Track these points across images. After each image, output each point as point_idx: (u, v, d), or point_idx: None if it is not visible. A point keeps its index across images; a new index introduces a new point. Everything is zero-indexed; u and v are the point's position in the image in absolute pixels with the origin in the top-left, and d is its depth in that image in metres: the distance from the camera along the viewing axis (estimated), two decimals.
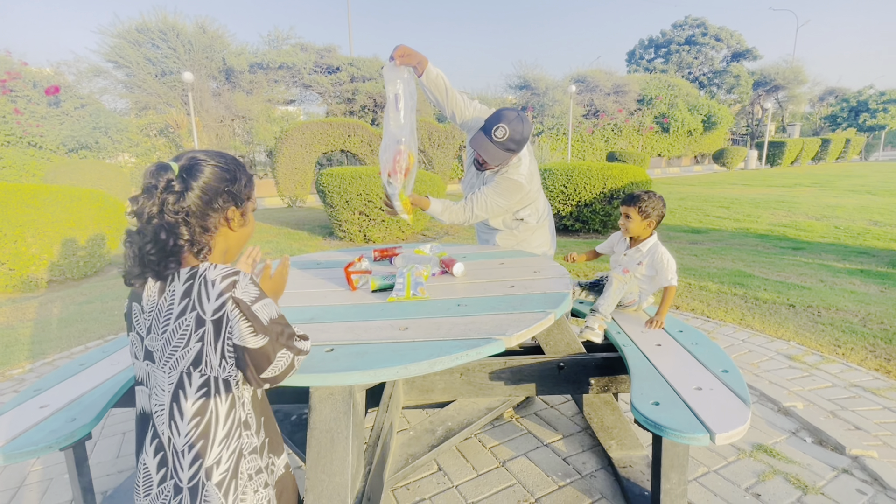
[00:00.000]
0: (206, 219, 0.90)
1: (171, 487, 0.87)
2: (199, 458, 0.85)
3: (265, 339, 0.86)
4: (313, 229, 8.36)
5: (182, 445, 0.85)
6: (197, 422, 0.85)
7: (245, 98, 15.61)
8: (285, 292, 1.63)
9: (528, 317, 1.26)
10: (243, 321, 0.84)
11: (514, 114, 1.90)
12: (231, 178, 0.93)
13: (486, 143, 1.89)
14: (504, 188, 1.98)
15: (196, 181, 0.88)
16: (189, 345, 0.84)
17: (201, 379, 0.85)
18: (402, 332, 1.21)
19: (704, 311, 3.83)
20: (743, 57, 33.23)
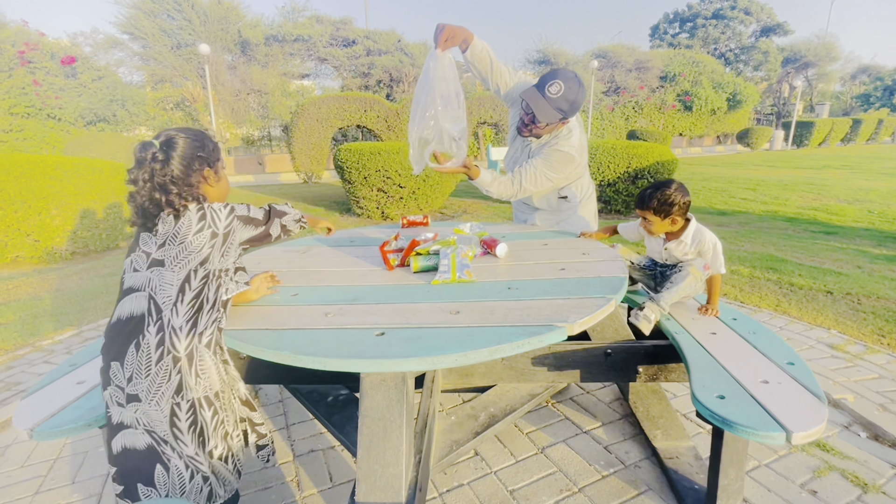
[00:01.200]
0: (188, 178, 1.18)
1: (170, 360, 1.10)
2: (193, 328, 1.13)
3: (264, 226, 1.31)
4: (330, 206, 8.31)
5: (180, 323, 1.11)
6: (193, 303, 1.13)
7: (261, 71, 15.42)
8: (324, 270, 1.57)
9: (587, 303, 1.18)
10: (249, 226, 1.26)
11: (572, 74, 1.80)
12: (201, 146, 1.22)
13: (538, 97, 1.79)
14: (554, 160, 1.87)
15: (174, 151, 1.18)
16: (202, 250, 1.15)
17: (204, 272, 1.15)
18: (455, 317, 1.14)
19: (737, 296, 3.70)
20: (773, 32, 31.84)
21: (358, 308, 1.22)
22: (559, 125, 1.89)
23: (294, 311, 1.22)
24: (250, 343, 1.05)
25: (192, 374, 1.11)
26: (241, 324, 1.16)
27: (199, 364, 1.12)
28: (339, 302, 1.27)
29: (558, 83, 1.77)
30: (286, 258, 1.75)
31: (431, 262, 1.46)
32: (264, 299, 1.33)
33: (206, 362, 1.13)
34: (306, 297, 1.32)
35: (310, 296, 1.34)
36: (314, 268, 1.62)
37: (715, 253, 1.73)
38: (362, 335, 1.06)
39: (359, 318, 1.16)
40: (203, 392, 1.14)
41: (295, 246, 1.93)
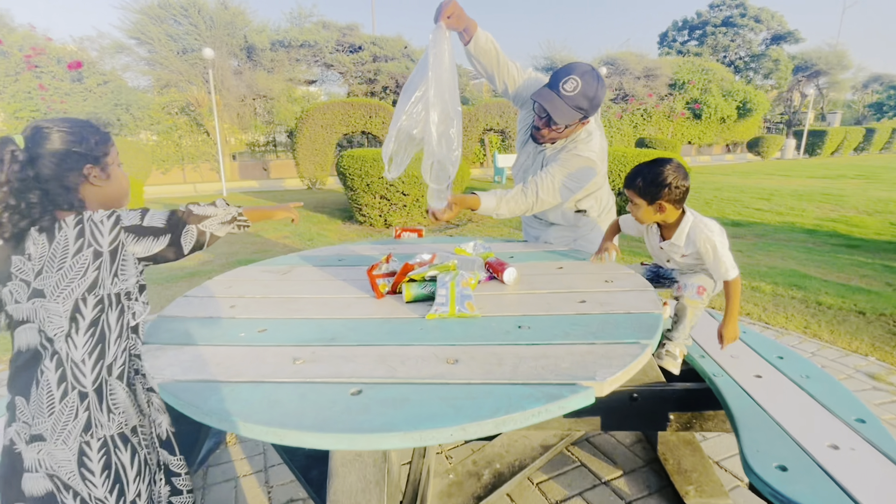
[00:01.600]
0: (63, 179, 1.00)
1: (76, 396, 0.99)
2: (100, 359, 1.01)
3: (167, 236, 1.04)
4: (332, 212, 8.12)
5: (81, 356, 0.99)
6: (93, 331, 1.00)
7: (266, 77, 15.34)
8: (303, 297, 1.35)
9: (617, 351, 0.95)
10: (146, 238, 1.02)
11: (588, 67, 1.57)
12: (78, 139, 1.02)
13: (553, 97, 1.56)
14: (573, 167, 1.64)
15: (42, 148, 0.98)
16: (86, 274, 0.98)
17: (95, 299, 0.99)
18: (452, 368, 0.91)
19: (761, 315, 3.45)
20: (783, 40, 31.51)
21: (334, 352, 1.00)
22: (578, 126, 1.67)
23: (257, 354, 1.00)
24: (191, 403, 0.83)
25: (102, 410, 1.01)
26: (188, 370, 0.94)
27: (110, 398, 1.02)
28: (313, 342, 1.05)
29: (574, 79, 1.55)
30: (263, 280, 1.54)
31: (426, 290, 1.24)
32: (225, 336, 1.11)
33: (118, 395, 1.03)
34: (275, 335, 1.10)
35: (280, 332, 1.12)
36: (292, 293, 1.40)
37: (716, 257, 1.41)
38: (334, 393, 0.84)
39: (333, 366, 0.93)
40: (117, 429, 1.03)
41: (276, 265, 1.71)
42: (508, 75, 1.72)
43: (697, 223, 1.44)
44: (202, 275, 4.48)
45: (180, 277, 4.42)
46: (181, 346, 1.05)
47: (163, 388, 0.89)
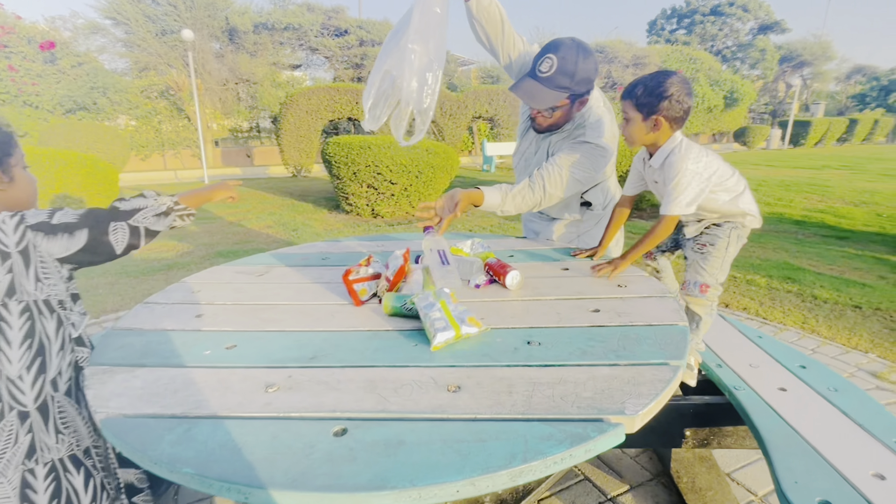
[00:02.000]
0: None
1: (15, 417, 0.89)
2: (41, 374, 0.91)
3: (85, 231, 0.94)
4: (318, 201, 7.90)
5: (18, 371, 0.89)
6: (29, 343, 0.90)
7: (249, 60, 14.87)
8: (280, 304, 1.20)
9: (644, 374, 0.82)
10: (61, 236, 0.92)
11: (568, 41, 1.42)
12: None
13: (527, 82, 1.43)
14: (581, 155, 1.49)
15: None
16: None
17: (20, 305, 0.89)
18: (454, 398, 0.77)
19: (758, 310, 3.38)
20: (770, 30, 31.60)
21: (314, 375, 0.85)
22: (578, 107, 1.52)
23: (223, 379, 0.85)
24: (138, 447, 0.68)
25: (49, 431, 0.92)
26: (138, 402, 0.78)
27: (58, 417, 0.93)
28: (290, 363, 0.90)
29: (549, 58, 1.41)
30: (236, 283, 1.37)
31: (405, 307, 1.07)
32: (188, 354, 0.95)
33: (67, 413, 0.94)
34: (245, 352, 0.95)
35: (251, 349, 0.97)
36: (268, 299, 1.24)
37: (673, 184, 1.28)
38: (313, 434, 0.69)
39: (313, 395, 0.79)
40: (67, 451, 0.94)
41: (251, 265, 1.55)
42: (513, 47, 1.57)
43: (683, 147, 1.29)
44: (180, 267, 4.28)
45: (157, 270, 4.21)
46: (133, 368, 0.90)
47: (106, 426, 0.73)
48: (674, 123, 1.28)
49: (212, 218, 6.56)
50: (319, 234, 5.65)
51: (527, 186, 1.48)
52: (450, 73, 21.33)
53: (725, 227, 1.62)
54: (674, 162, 1.29)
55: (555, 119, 1.54)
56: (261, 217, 6.61)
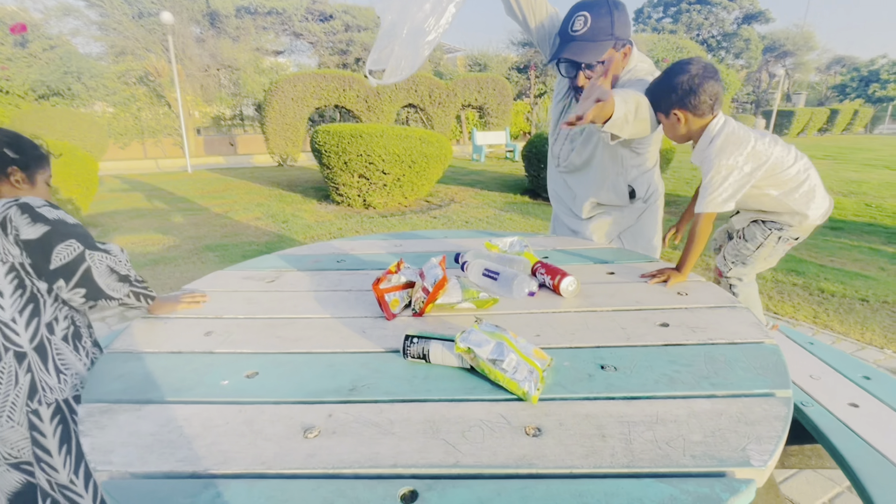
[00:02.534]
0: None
1: (11, 358, 0.91)
2: (34, 317, 0.94)
3: (45, 227, 0.92)
4: (307, 191, 7.67)
5: (10, 315, 0.92)
6: (20, 293, 0.93)
7: (231, 46, 14.37)
8: (300, 318, 1.05)
9: (752, 409, 0.70)
10: (22, 215, 0.92)
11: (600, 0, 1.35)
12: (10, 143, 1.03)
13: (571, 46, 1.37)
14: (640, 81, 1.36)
15: None
16: None
17: (5, 266, 0.92)
18: (537, 444, 0.64)
19: (767, 304, 3.32)
20: (755, 19, 31.78)
21: (359, 413, 0.71)
22: (623, 57, 1.40)
23: (250, 419, 0.71)
24: None
25: (49, 371, 0.93)
26: (149, 455, 0.64)
27: (57, 358, 0.95)
28: (327, 396, 0.76)
29: (581, 16, 1.35)
30: (245, 292, 1.22)
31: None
32: (202, 385, 0.80)
33: (67, 357, 0.96)
34: (271, 384, 0.80)
35: (277, 378, 0.82)
36: (285, 312, 1.09)
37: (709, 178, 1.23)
38: (375, 500, 0.56)
39: (363, 443, 0.65)
40: (72, 391, 0.95)
41: (258, 269, 1.39)
42: (541, 9, 1.52)
43: (721, 138, 1.21)
44: (167, 262, 4.07)
45: (142, 265, 3.99)
46: (138, 405, 0.75)
47: (110, 490, 0.59)
48: (697, 113, 1.21)
49: (197, 209, 6.30)
50: (311, 225, 5.45)
51: (634, 101, 1.25)
52: (436, 60, 21.00)
53: (765, 228, 1.53)
54: (709, 156, 1.22)
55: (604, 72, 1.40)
56: (248, 208, 6.38)
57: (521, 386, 0.72)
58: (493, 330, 0.78)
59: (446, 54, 22.20)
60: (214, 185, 8.34)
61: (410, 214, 6.13)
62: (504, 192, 7.71)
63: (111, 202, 6.80)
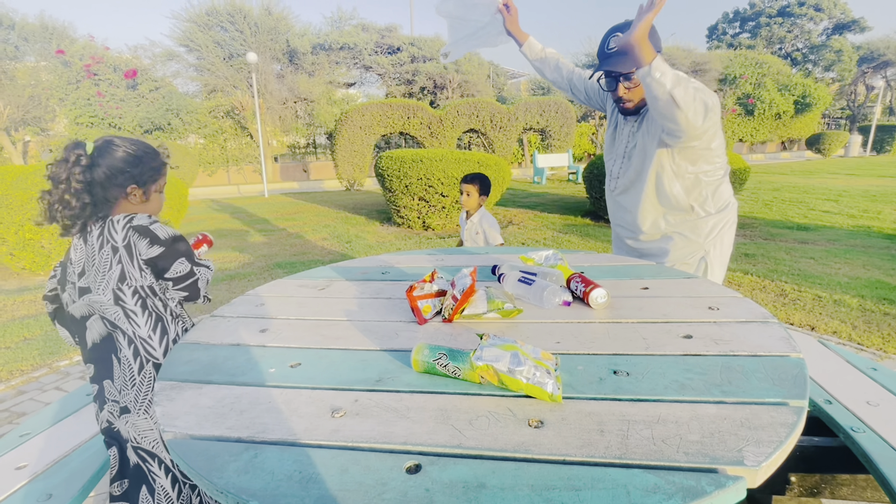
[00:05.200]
0: (107, 190, 1.12)
1: (152, 368, 1.14)
2: (164, 334, 1.17)
3: (161, 248, 1.13)
4: (370, 214, 8.04)
5: (146, 332, 1.14)
6: (148, 313, 1.14)
7: (307, 80, 15.56)
8: (342, 321, 1.17)
9: (760, 415, 0.70)
10: (142, 239, 1.11)
11: (622, 22, 1.50)
12: (135, 162, 1.15)
13: (608, 59, 1.50)
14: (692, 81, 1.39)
15: (104, 160, 1.12)
16: (112, 267, 1.10)
17: (130, 289, 1.11)
18: (537, 434, 0.69)
19: (851, 334, 3.04)
20: (847, 29, 29.37)
21: (382, 400, 0.80)
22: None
23: (289, 400, 0.82)
24: (204, 473, 0.64)
25: None
26: (205, 422, 0.76)
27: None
28: (356, 385, 0.85)
29: (616, 35, 1.47)
30: (298, 297, 1.36)
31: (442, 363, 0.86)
32: (253, 371, 0.93)
33: None
34: (310, 373, 0.91)
35: (316, 369, 0.93)
36: (331, 314, 1.22)
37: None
38: (385, 468, 0.63)
39: (382, 424, 0.73)
40: None
41: (312, 279, 1.54)
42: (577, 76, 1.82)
43: None
44: (242, 277, 4.44)
45: (220, 280, 4.39)
46: (200, 384, 0.88)
47: (173, 446, 0.71)
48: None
49: (271, 230, 6.82)
50: (372, 245, 5.72)
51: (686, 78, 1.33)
52: (500, 86, 21.35)
53: None
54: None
55: (641, 88, 1.49)
56: (316, 229, 6.80)
57: (546, 389, 0.76)
58: (503, 342, 0.84)
59: (510, 80, 22.53)
60: (287, 209, 8.98)
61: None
62: (564, 214, 7.64)
63: (198, 224, 7.53)
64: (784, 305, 3.54)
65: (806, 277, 4.20)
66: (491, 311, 1.09)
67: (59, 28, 13.74)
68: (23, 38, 13.52)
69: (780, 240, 5.80)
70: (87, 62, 12.60)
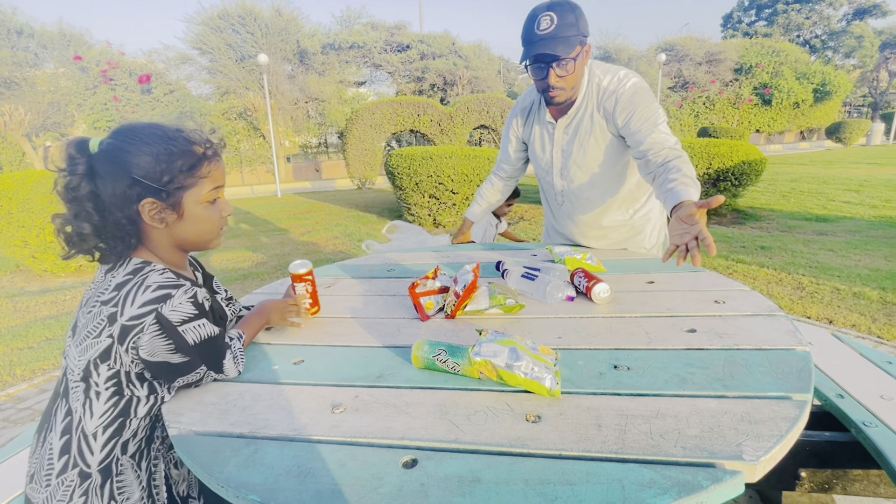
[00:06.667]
0: (119, 209, 0.80)
1: (76, 476, 0.81)
2: (116, 436, 0.82)
3: (185, 358, 0.81)
4: (382, 212, 8.07)
5: (94, 428, 0.81)
6: (115, 401, 0.82)
7: (318, 80, 15.66)
8: (346, 318, 1.18)
9: (761, 409, 0.69)
10: (161, 338, 0.78)
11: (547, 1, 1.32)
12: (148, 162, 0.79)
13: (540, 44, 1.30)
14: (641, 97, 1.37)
15: (106, 163, 0.79)
16: (101, 336, 0.78)
17: (109, 372, 0.80)
18: (534, 429, 0.69)
19: (871, 327, 2.96)
20: (868, 14, 28.52)
21: (381, 396, 0.81)
22: (586, 56, 1.38)
23: (291, 396, 0.83)
24: (206, 467, 0.66)
25: (102, 497, 0.80)
26: (209, 418, 0.77)
27: (116, 482, 0.82)
28: (357, 382, 0.86)
29: (546, 16, 1.29)
30: None
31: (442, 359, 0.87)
32: (257, 368, 0.94)
33: (126, 478, 0.83)
34: (313, 370, 0.92)
35: (318, 366, 0.94)
36: (336, 312, 1.23)
37: None
38: (382, 463, 0.64)
39: (380, 419, 0.74)
40: None
41: (319, 277, 1.56)
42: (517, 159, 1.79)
43: None
44: (255, 276, 4.50)
45: (234, 279, 4.45)
46: None
47: (178, 442, 0.73)
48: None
49: (284, 230, 6.89)
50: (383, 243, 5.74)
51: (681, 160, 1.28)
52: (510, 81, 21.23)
53: None
54: None
55: (574, 76, 1.37)
56: (328, 228, 6.86)
57: (544, 384, 0.76)
58: (502, 337, 0.84)
59: (521, 75, 22.39)
60: (300, 208, 9.06)
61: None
62: None
63: None
64: (801, 299, 3.47)
65: (824, 270, 4.11)
66: (493, 307, 1.09)
67: (77, 35, 14.01)
68: (42, 45, 13.83)
69: (797, 232, 5.68)
70: (103, 68, 12.85)
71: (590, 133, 1.46)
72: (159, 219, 0.83)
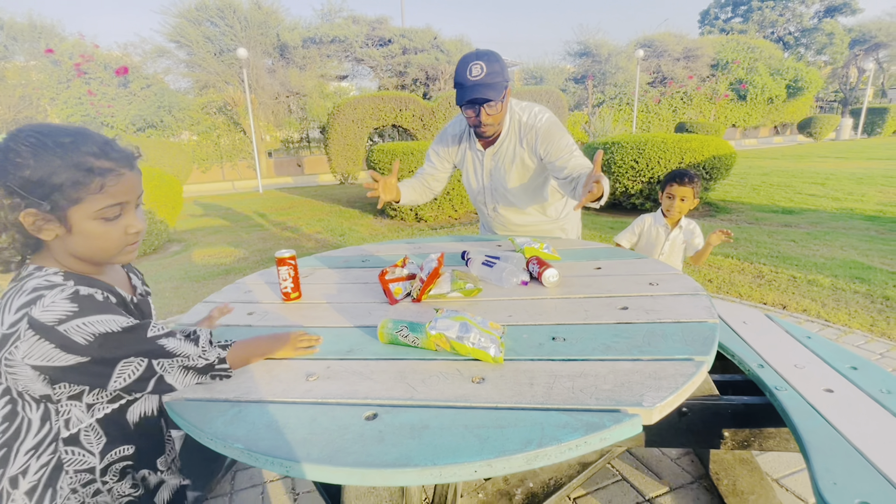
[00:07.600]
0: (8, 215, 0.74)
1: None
2: (1, 467, 0.77)
3: (83, 358, 0.73)
4: (364, 207, 8.15)
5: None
6: (5, 427, 0.77)
7: (299, 74, 15.55)
8: (322, 303, 1.29)
9: (666, 369, 0.83)
10: (43, 342, 0.71)
11: (477, 50, 1.57)
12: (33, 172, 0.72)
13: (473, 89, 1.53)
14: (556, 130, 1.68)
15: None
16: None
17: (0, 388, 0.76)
18: (477, 388, 0.82)
19: (820, 311, 3.18)
20: (838, 11, 29.36)
21: (350, 366, 0.93)
22: (508, 97, 1.64)
23: (270, 369, 0.94)
24: (196, 425, 0.77)
25: None
26: (197, 387, 0.88)
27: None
28: (330, 355, 0.98)
29: (475, 64, 1.52)
30: None
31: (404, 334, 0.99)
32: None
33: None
34: None
35: None
36: (312, 298, 1.34)
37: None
38: (347, 417, 0.76)
39: (348, 384, 0.86)
40: None
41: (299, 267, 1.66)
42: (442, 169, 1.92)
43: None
44: (237, 271, 4.56)
45: (217, 274, 4.50)
46: None
47: (171, 407, 0.84)
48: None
49: (266, 225, 6.93)
50: (365, 238, 5.83)
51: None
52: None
53: None
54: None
55: (500, 113, 1.63)
56: (310, 223, 6.91)
57: (489, 352, 0.89)
58: (455, 314, 0.96)
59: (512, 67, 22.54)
60: (282, 203, 9.07)
61: (459, 226, 6.37)
62: None
63: (193, 221, 7.62)
64: (759, 286, 3.68)
65: (784, 259, 4.34)
66: (454, 291, 1.22)
67: (48, 27, 13.66)
68: (11, 37, 13.44)
69: (763, 224, 5.93)
70: (76, 61, 12.56)
71: (513, 160, 1.75)
72: (45, 230, 0.76)
